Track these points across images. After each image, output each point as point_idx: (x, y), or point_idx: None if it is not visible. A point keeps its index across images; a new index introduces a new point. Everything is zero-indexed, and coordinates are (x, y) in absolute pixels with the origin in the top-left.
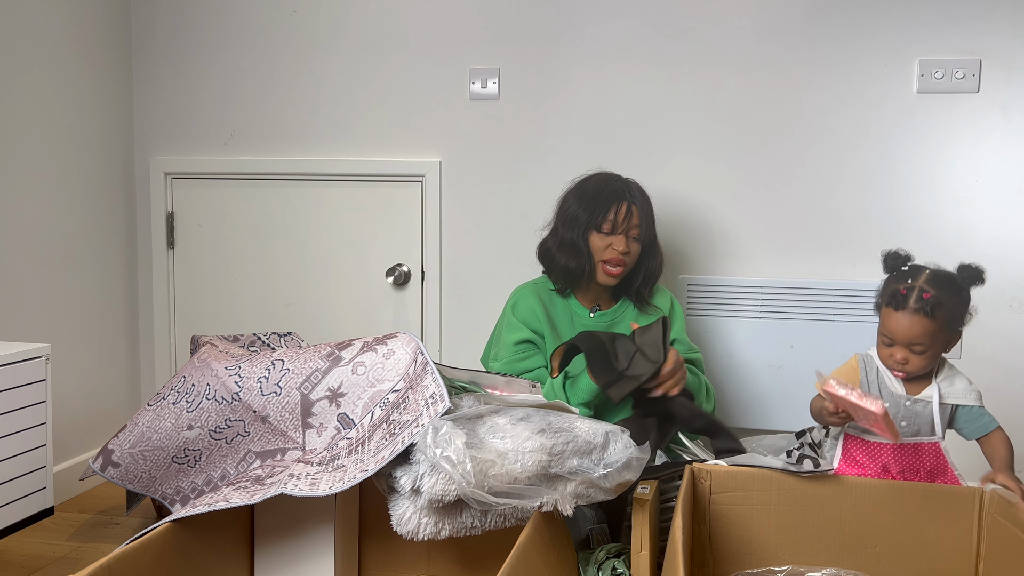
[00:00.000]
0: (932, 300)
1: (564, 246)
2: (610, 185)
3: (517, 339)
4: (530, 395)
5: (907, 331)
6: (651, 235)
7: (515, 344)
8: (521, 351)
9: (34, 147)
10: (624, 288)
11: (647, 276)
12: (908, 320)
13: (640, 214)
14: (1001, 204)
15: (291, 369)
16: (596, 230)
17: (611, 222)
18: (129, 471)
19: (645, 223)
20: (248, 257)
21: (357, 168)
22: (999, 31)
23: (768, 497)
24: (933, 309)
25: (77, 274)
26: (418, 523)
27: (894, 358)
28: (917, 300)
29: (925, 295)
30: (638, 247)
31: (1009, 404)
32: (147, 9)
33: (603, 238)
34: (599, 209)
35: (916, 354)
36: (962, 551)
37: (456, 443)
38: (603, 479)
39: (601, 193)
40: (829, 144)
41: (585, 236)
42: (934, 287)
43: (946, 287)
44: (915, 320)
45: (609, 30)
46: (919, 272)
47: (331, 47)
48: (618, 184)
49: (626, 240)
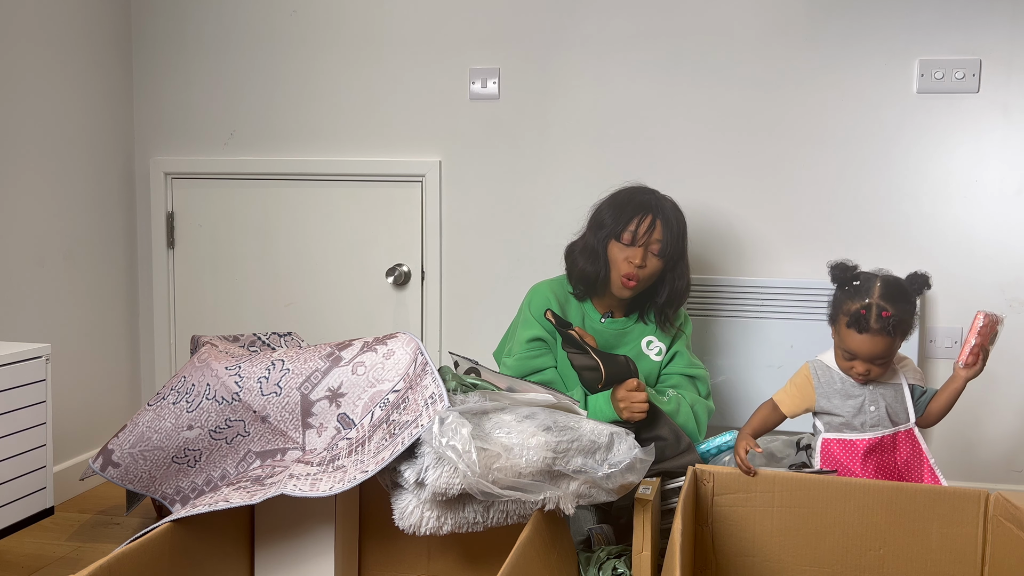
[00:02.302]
0: (893, 319)
1: (586, 251)
2: (639, 197)
3: (530, 336)
4: (538, 394)
5: (871, 350)
6: (676, 253)
7: (528, 341)
8: (533, 348)
9: (34, 147)
10: (645, 304)
11: (672, 296)
12: (871, 340)
13: (665, 230)
14: (1001, 204)
15: (291, 369)
16: (616, 239)
17: (631, 233)
18: (129, 471)
19: (670, 240)
20: (248, 257)
21: (357, 168)
22: (999, 31)
23: (771, 499)
24: (895, 328)
25: (77, 274)
26: (420, 516)
27: (856, 371)
28: (878, 320)
29: (884, 313)
30: (658, 263)
31: (1009, 404)
32: (147, 9)
33: (622, 249)
34: (623, 218)
35: (878, 365)
36: (967, 554)
37: (462, 432)
38: (606, 479)
39: (629, 203)
40: (829, 144)
41: (605, 244)
42: (890, 303)
43: (900, 299)
44: (877, 340)
45: (609, 30)
46: (871, 285)
47: (331, 47)
48: (648, 197)
49: (644, 253)
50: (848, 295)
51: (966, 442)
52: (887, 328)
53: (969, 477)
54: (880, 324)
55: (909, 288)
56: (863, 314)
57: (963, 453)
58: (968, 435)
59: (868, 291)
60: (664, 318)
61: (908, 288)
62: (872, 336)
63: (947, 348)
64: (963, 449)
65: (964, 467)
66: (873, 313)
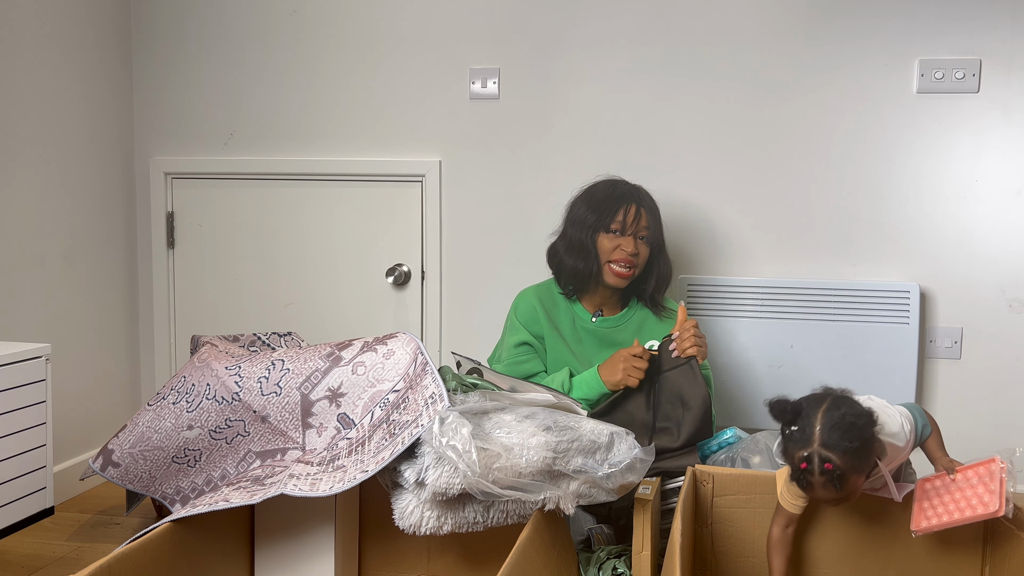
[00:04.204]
0: (835, 471)
1: (572, 248)
2: (619, 188)
3: (517, 341)
4: (538, 394)
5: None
6: (659, 239)
7: (515, 346)
8: (520, 353)
9: (34, 147)
10: (635, 293)
11: (659, 281)
12: (821, 493)
13: (648, 217)
14: (1001, 204)
15: (291, 369)
16: (604, 231)
17: (620, 223)
18: (129, 471)
19: (653, 226)
20: (248, 257)
21: (357, 168)
22: (999, 31)
23: (771, 500)
24: (840, 480)
25: (77, 274)
26: (420, 516)
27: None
28: (821, 473)
29: (827, 465)
30: (647, 250)
31: (1009, 404)
32: (147, 9)
33: (612, 239)
34: (608, 210)
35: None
36: (968, 555)
37: (462, 432)
38: (606, 479)
39: (610, 196)
40: (829, 144)
41: (593, 237)
42: (833, 451)
43: (844, 442)
44: (828, 491)
45: (609, 30)
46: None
47: (331, 47)
48: (627, 188)
49: (635, 241)
50: (790, 440)
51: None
52: (833, 481)
53: None
54: (824, 477)
55: (859, 426)
56: (803, 468)
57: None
58: (969, 435)
59: (808, 437)
60: (654, 303)
61: (858, 426)
62: (820, 489)
63: (947, 348)
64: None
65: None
66: (816, 464)
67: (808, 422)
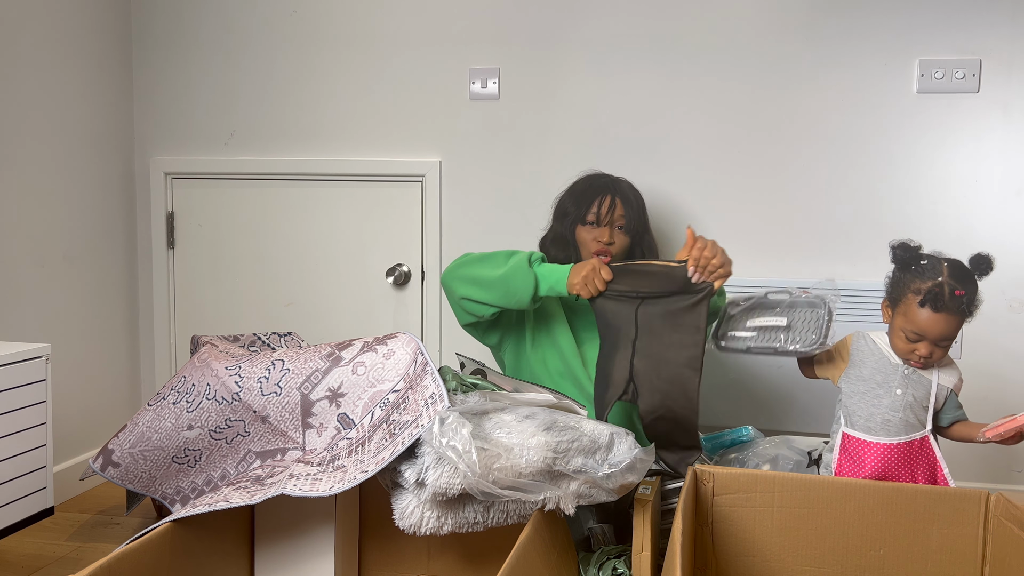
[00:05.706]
0: (966, 298)
1: (556, 240)
2: (597, 181)
3: None
4: (539, 394)
5: (943, 330)
6: (640, 226)
7: None
8: None
9: (34, 147)
10: None
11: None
12: (944, 319)
13: (625, 206)
14: (1001, 204)
15: (291, 369)
16: (582, 223)
17: (595, 214)
18: (129, 471)
19: (631, 215)
20: (248, 257)
21: (357, 168)
22: (999, 31)
23: (771, 499)
24: (968, 307)
25: (77, 274)
26: (421, 516)
27: (918, 352)
28: (951, 299)
29: (958, 292)
30: (625, 239)
31: (1009, 404)
32: (147, 9)
33: (589, 230)
34: (584, 203)
35: (941, 347)
36: (967, 554)
37: (462, 432)
38: (606, 479)
39: (588, 188)
40: (829, 144)
41: (572, 229)
42: (960, 283)
43: (969, 280)
44: (951, 319)
45: (609, 30)
46: (938, 266)
47: (331, 47)
48: (605, 179)
49: (611, 231)
50: (915, 275)
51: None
52: (961, 307)
53: (970, 477)
54: (954, 303)
55: (974, 270)
56: (938, 292)
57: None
58: None
59: (937, 271)
60: None
61: (973, 270)
62: (946, 315)
63: None
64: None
65: (965, 467)
66: (946, 292)
67: (935, 263)
